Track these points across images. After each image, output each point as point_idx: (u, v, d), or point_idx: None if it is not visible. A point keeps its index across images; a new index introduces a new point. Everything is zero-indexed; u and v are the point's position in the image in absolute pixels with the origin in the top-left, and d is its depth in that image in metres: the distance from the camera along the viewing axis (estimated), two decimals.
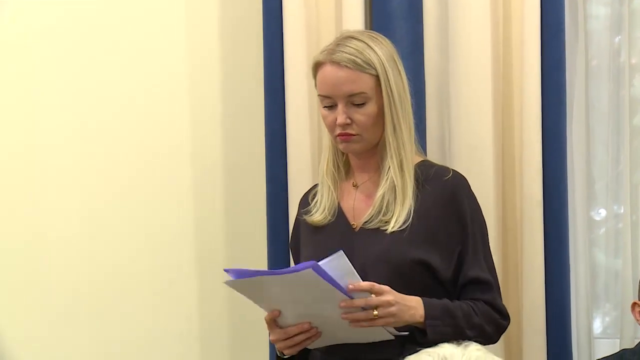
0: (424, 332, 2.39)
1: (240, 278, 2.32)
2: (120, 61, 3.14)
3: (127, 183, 3.15)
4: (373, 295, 2.32)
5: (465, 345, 1.51)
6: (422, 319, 2.37)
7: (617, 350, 2.83)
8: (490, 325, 2.45)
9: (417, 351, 1.55)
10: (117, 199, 3.14)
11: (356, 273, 2.30)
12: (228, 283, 2.33)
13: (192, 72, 3.17)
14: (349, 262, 2.28)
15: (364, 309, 2.32)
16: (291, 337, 2.39)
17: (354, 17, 2.93)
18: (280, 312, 2.36)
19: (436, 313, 2.39)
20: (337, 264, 2.27)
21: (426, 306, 2.39)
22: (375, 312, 2.32)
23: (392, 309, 2.33)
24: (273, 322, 2.39)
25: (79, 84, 3.12)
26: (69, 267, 3.12)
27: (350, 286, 2.29)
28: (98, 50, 3.13)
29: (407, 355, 1.56)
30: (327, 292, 2.27)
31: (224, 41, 3.18)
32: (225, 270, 2.34)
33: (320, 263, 2.25)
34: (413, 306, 2.37)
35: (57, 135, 3.12)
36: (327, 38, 2.89)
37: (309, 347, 2.44)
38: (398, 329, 2.37)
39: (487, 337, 2.45)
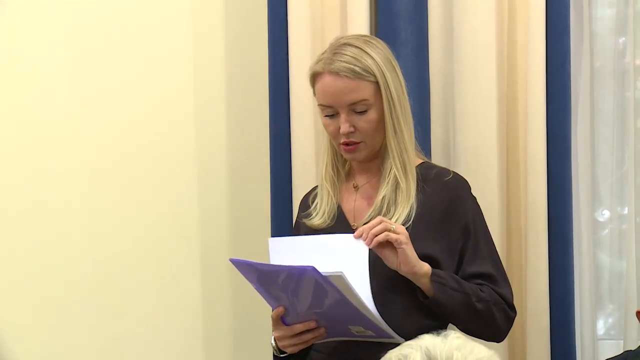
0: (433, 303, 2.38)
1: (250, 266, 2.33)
2: (126, 62, 3.14)
3: (133, 182, 3.15)
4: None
5: (445, 335, 1.52)
6: (429, 272, 2.36)
7: (621, 351, 2.83)
8: (498, 308, 2.42)
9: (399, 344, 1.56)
10: (122, 197, 3.14)
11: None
12: (234, 262, 2.34)
13: (197, 72, 3.18)
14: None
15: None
16: (297, 334, 2.38)
17: (359, 18, 2.93)
18: (286, 308, 2.35)
19: (442, 274, 2.39)
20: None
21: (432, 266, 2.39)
22: (392, 227, 2.33)
23: (402, 236, 2.33)
24: (279, 319, 2.39)
25: (85, 84, 3.12)
26: (74, 265, 3.12)
27: (359, 230, 2.33)
28: (103, 51, 3.13)
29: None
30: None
31: (229, 41, 3.18)
32: (234, 261, 2.34)
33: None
34: (417, 257, 2.37)
35: (63, 135, 3.12)
36: (332, 39, 2.89)
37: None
38: (397, 327, 2.36)
39: (495, 324, 2.43)
